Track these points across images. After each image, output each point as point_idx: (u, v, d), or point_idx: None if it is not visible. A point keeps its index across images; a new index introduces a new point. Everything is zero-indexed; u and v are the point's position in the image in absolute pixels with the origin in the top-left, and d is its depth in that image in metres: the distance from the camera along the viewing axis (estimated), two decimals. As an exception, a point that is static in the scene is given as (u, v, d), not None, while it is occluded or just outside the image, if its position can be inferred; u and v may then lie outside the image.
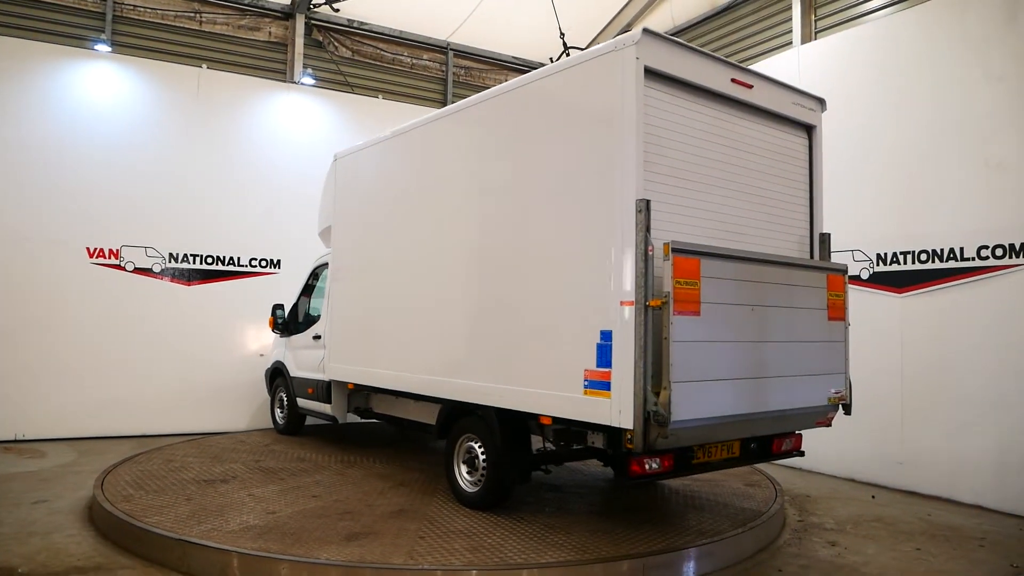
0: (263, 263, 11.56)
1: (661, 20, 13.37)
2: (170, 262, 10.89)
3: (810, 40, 10.18)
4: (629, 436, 4.97)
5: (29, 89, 10.23)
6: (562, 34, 12.64)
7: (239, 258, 11.39)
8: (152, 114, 11.02)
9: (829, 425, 6.33)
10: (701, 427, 5.18)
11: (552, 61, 14.68)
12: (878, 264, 8.43)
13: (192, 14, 12.54)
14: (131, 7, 12.03)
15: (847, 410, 6.33)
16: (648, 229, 4.99)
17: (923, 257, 8.01)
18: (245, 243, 11.43)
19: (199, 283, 11.09)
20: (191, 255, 11.06)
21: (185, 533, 5.57)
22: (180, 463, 8.21)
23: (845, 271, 6.42)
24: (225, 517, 6.10)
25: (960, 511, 7.21)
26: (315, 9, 13.38)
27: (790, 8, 10.62)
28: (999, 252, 7.38)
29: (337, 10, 13.43)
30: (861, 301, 8.54)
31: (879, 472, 8.27)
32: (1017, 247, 7.27)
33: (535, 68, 7.41)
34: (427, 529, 5.85)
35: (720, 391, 5.24)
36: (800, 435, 6.39)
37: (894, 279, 8.27)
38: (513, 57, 15.56)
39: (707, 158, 5.69)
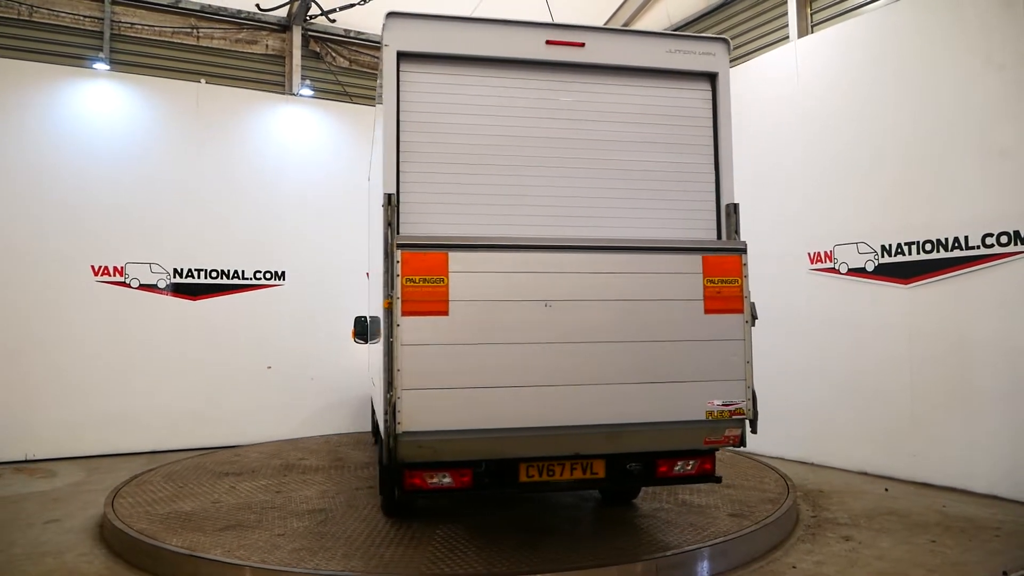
0: (268, 275, 11.56)
1: (657, 17, 13.35)
2: (175, 277, 10.91)
3: (807, 34, 10.15)
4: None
5: (30, 109, 10.27)
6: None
7: (243, 271, 11.40)
8: (152, 130, 11.05)
9: (735, 444, 5.11)
10: (476, 440, 4.67)
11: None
12: (883, 256, 8.39)
13: (189, 29, 12.57)
14: (128, 25, 12.07)
15: (752, 426, 5.13)
16: (390, 224, 4.74)
17: (928, 247, 7.97)
18: (249, 256, 11.44)
19: (204, 297, 11.10)
20: (195, 270, 11.07)
21: (128, 514, 6.45)
22: (243, 458, 9.22)
23: (741, 251, 5.10)
24: (176, 502, 6.99)
25: (975, 501, 7.16)
26: (312, 20, 13.39)
27: (786, 2, 10.59)
28: (1004, 240, 7.33)
29: (334, 20, 13.43)
30: (867, 293, 8.54)
31: (892, 465, 8.22)
32: (1023, 234, 7.22)
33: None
34: (305, 529, 6.10)
35: (489, 399, 4.65)
36: (709, 456, 5.29)
37: (899, 270, 8.24)
38: (510, 61, 15.57)
39: (529, 136, 5.09)
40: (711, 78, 5.43)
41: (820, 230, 9.13)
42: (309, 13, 13.19)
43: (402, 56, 4.97)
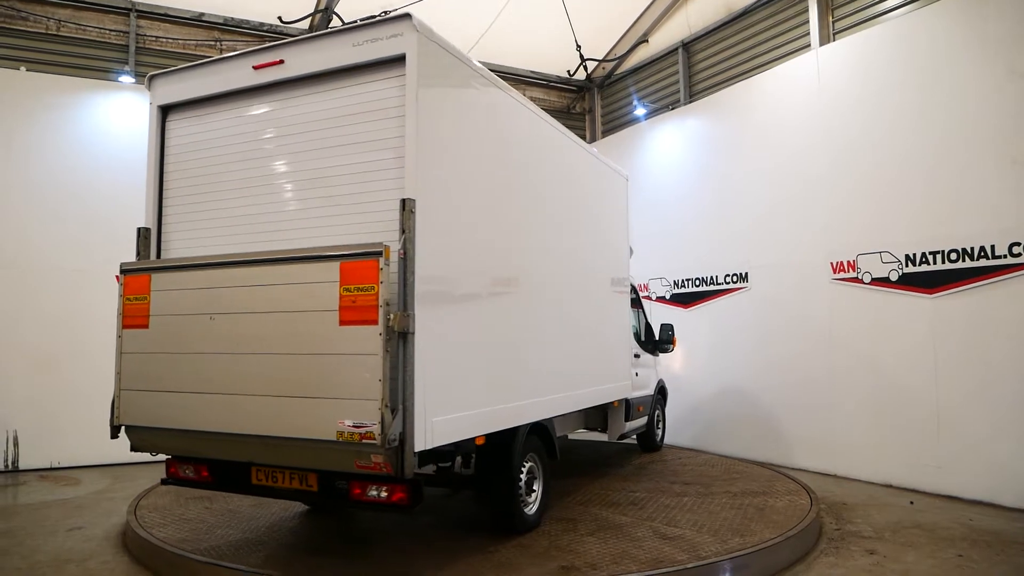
0: (289, 285, 11.62)
1: (678, 27, 13.33)
2: (197, 287, 11.01)
3: (828, 42, 10.08)
4: None
5: (57, 122, 10.44)
6: (579, 46, 12.67)
7: (265, 281, 11.47)
8: (176, 142, 11.20)
9: (388, 473, 4.51)
10: (172, 438, 5.31)
11: (569, 74, 14.72)
12: (907, 265, 8.30)
13: (212, 42, 12.74)
14: (153, 38, 12.25)
15: (389, 455, 4.44)
16: (139, 253, 5.70)
17: (953, 257, 7.87)
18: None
19: (226, 307, 11.18)
20: (218, 280, 11.16)
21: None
22: None
23: (376, 254, 4.50)
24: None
25: (1002, 515, 7.04)
26: (333, 32, 13.52)
27: (807, 11, 10.54)
28: (1031, 249, 7.23)
29: (354, 32, 13.56)
30: (891, 303, 8.44)
31: (917, 477, 8.11)
32: (1050, 243, 7.14)
33: (553, 81, 7.37)
34: (224, 507, 7.07)
35: (176, 402, 5.17)
36: (403, 485, 4.71)
37: (924, 280, 8.14)
38: (531, 71, 15.60)
39: (253, 159, 5.38)
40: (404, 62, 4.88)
41: (842, 239, 9.05)
42: (330, 25, 13.33)
43: (165, 109, 5.83)
